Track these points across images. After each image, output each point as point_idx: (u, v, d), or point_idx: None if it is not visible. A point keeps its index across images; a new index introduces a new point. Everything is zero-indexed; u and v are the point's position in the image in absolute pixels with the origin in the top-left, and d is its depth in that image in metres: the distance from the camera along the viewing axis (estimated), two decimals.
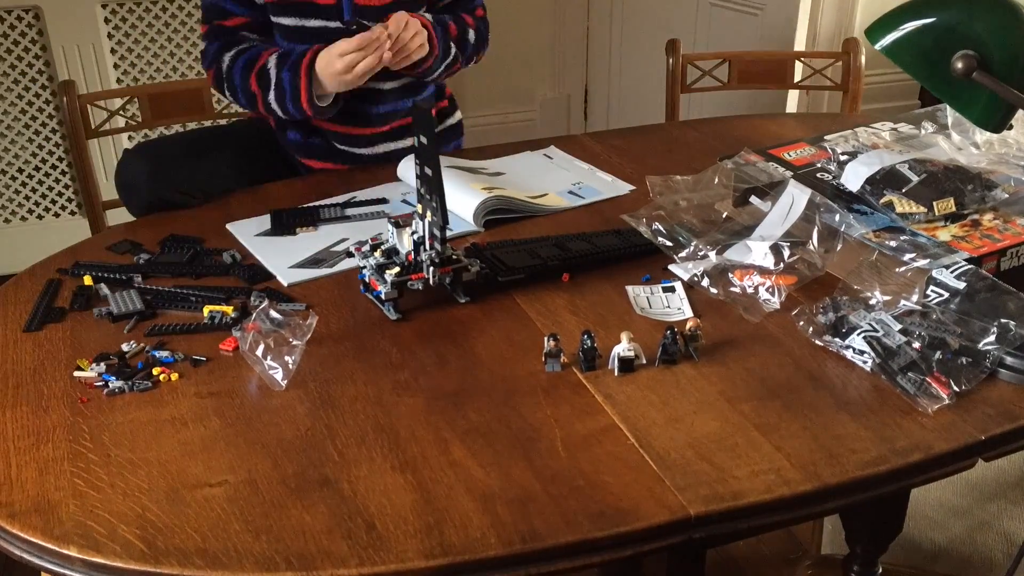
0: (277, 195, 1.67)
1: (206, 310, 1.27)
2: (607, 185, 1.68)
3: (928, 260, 1.28)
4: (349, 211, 1.59)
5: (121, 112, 2.13)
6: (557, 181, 1.71)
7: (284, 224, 1.54)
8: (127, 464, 1.03)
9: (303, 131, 1.79)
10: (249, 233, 1.53)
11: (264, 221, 1.56)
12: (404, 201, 1.62)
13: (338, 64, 1.59)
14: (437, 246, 1.28)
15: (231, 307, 1.29)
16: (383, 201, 1.62)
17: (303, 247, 1.48)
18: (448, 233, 1.49)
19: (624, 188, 1.67)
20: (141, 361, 1.20)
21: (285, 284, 1.39)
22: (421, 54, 1.65)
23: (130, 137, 3.18)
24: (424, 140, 1.24)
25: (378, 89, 1.75)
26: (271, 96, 1.66)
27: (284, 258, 1.45)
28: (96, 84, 3.04)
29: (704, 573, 1.23)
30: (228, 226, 1.56)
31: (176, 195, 1.61)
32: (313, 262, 1.44)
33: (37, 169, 3.14)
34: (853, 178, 1.45)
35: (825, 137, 1.65)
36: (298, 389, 1.15)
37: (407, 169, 1.67)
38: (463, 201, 1.56)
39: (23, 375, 1.18)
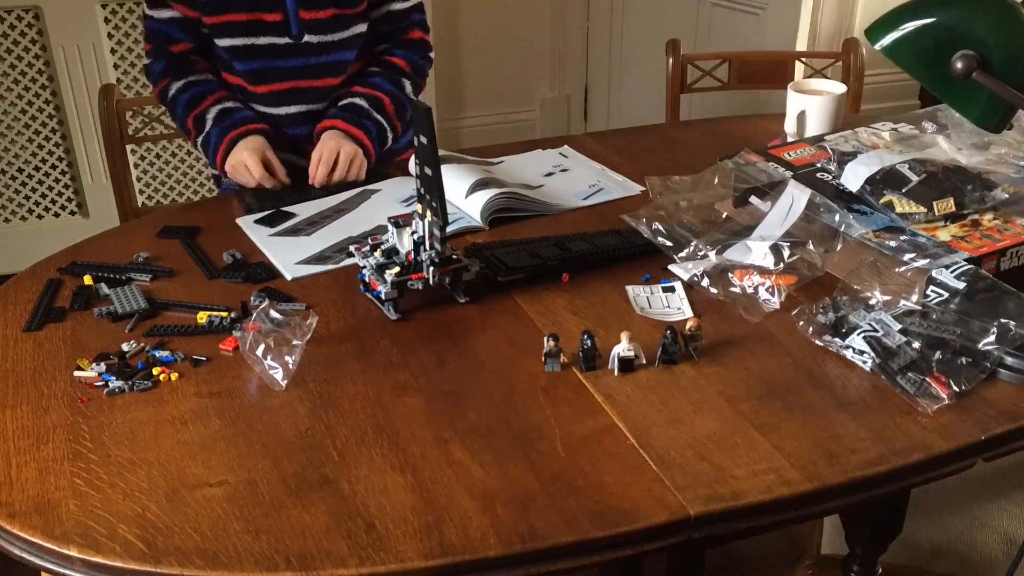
0: (277, 194, 1.67)
1: (202, 316, 1.27)
2: (619, 185, 1.69)
3: (928, 260, 1.28)
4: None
5: (155, 119, 2.12)
6: (572, 182, 1.71)
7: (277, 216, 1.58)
8: (127, 464, 1.03)
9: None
10: (260, 231, 1.53)
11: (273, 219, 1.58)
12: (411, 198, 1.63)
13: (254, 169, 1.65)
14: (437, 246, 1.28)
15: (227, 312, 1.29)
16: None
17: (312, 245, 1.49)
18: (453, 227, 1.50)
19: (635, 188, 1.67)
20: (141, 361, 1.20)
21: (289, 278, 1.39)
22: (356, 167, 1.70)
23: (164, 148, 3.19)
24: (424, 140, 1.24)
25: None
26: (200, 140, 1.73)
27: (292, 255, 1.45)
28: (96, 84, 3.04)
29: (704, 573, 1.23)
30: (238, 221, 1.56)
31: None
32: (319, 259, 1.45)
33: (37, 169, 3.14)
34: (853, 178, 1.44)
35: (825, 137, 1.65)
36: (298, 389, 1.15)
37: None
38: (471, 198, 1.56)
39: (23, 375, 1.18)
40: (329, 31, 1.73)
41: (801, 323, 1.24)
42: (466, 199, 1.57)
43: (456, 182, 1.60)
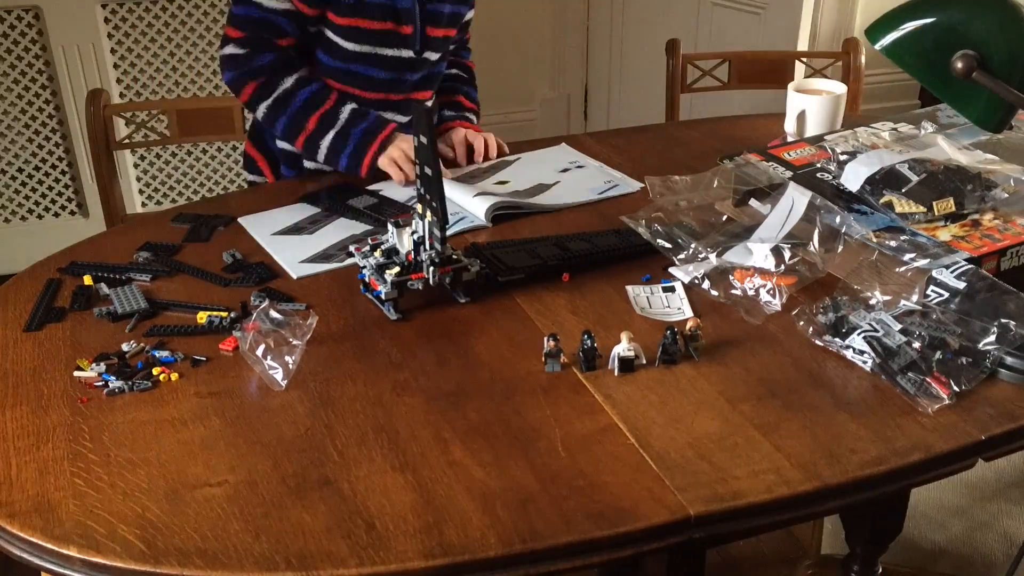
0: (277, 194, 1.67)
1: (202, 316, 1.27)
2: (620, 181, 1.69)
3: (928, 260, 1.28)
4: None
5: (145, 126, 2.10)
6: (588, 178, 1.71)
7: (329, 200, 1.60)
8: (127, 464, 1.03)
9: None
10: (264, 230, 1.54)
11: (275, 218, 1.57)
12: (412, 198, 1.63)
13: (402, 162, 1.66)
14: (437, 246, 1.28)
15: (227, 312, 1.29)
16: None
17: (316, 244, 1.49)
18: (457, 227, 1.50)
19: (635, 185, 1.67)
20: (141, 361, 1.20)
21: (294, 276, 1.39)
22: (493, 146, 1.80)
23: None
24: (424, 140, 1.24)
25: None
26: (327, 140, 1.67)
27: (295, 254, 1.46)
28: (96, 84, 3.04)
29: (704, 573, 1.23)
30: (241, 220, 1.56)
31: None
32: (323, 257, 1.45)
33: (37, 169, 3.14)
34: (853, 178, 1.44)
35: (825, 137, 1.65)
36: (298, 389, 1.15)
37: None
38: (476, 199, 1.57)
39: (23, 375, 1.18)
40: (441, 48, 1.78)
41: (801, 323, 1.24)
42: (471, 199, 1.57)
43: (461, 187, 1.61)
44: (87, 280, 1.37)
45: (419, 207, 1.30)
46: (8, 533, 0.96)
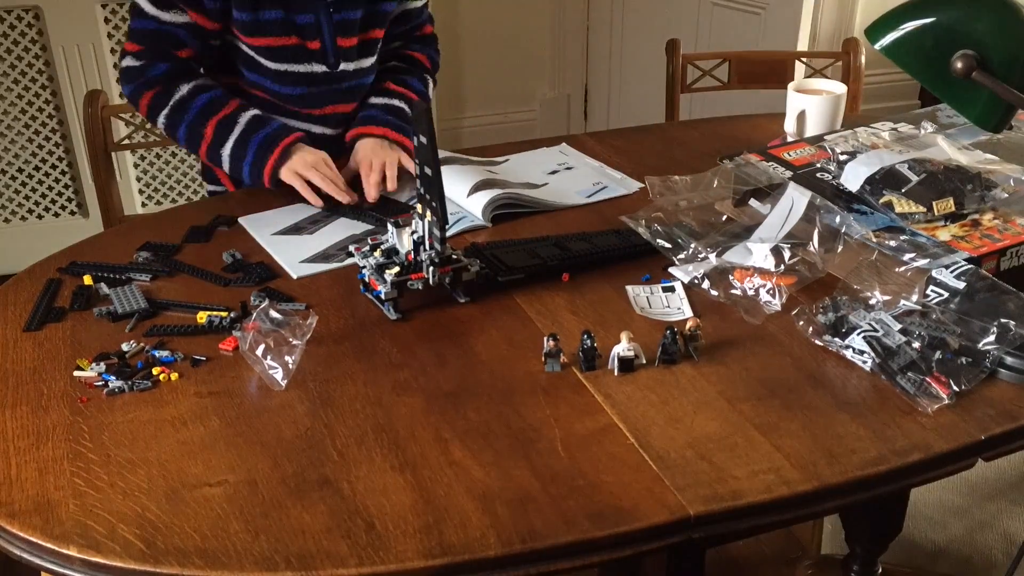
0: (276, 195, 1.67)
1: (202, 316, 1.27)
2: (617, 182, 1.69)
3: (928, 260, 1.28)
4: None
5: (143, 128, 2.07)
6: (576, 180, 1.71)
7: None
8: (127, 464, 1.03)
9: None
10: (264, 229, 1.54)
11: (275, 218, 1.57)
12: (412, 198, 1.63)
13: (305, 170, 1.59)
14: (437, 246, 1.28)
15: (227, 312, 1.29)
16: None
17: (316, 243, 1.49)
18: (457, 227, 1.50)
19: (633, 185, 1.67)
20: (141, 361, 1.20)
21: (294, 276, 1.39)
22: (409, 165, 1.66)
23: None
24: (424, 140, 1.24)
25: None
26: (227, 149, 1.61)
27: (295, 254, 1.46)
28: (96, 84, 3.04)
29: (704, 573, 1.23)
30: (241, 220, 1.56)
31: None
32: (323, 257, 1.45)
33: (37, 169, 3.14)
34: (853, 178, 1.44)
35: (825, 137, 1.65)
36: (298, 389, 1.15)
37: None
38: (472, 197, 1.57)
39: (23, 375, 1.18)
40: (361, 55, 1.71)
41: (801, 323, 1.24)
42: (467, 198, 1.57)
43: (458, 182, 1.60)
44: (87, 280, 1.37)
45: (419, 207, 1.30)
46: (8, 533, 0.96)
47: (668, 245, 1.41)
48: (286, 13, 1.61)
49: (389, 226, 1.34)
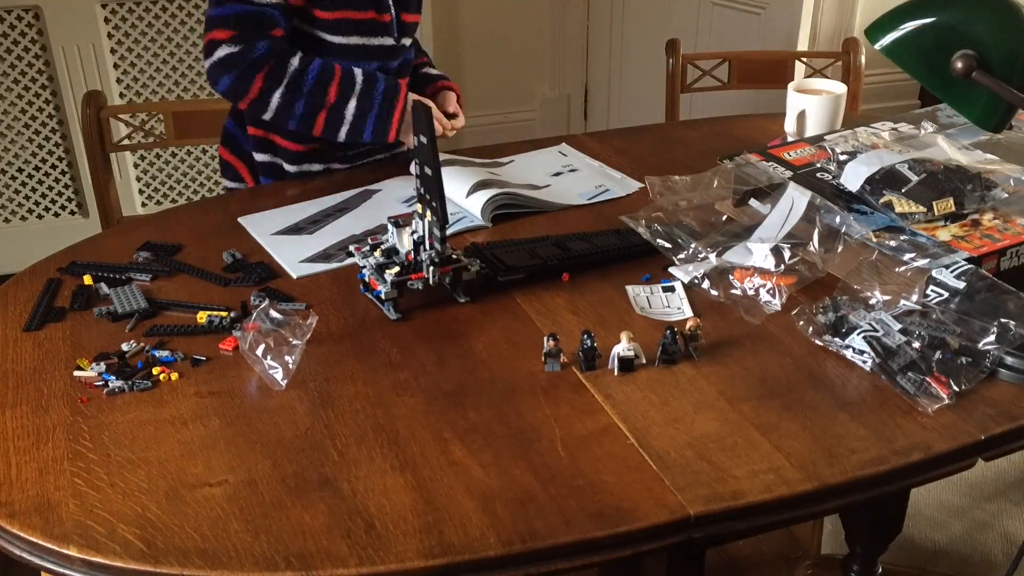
0: (277, 194, 1.67)
1: (202, 316, 1.27)
2: (617, 182, 1.69)
3: (928, 260, 1.28)
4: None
5: (144, 128, 2.07)
6: (579, 182, 1.71)
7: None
8: (127, 464, 1.03)
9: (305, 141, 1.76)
10: (263, 229, 1.54)
11: (275, 218, 1.57)
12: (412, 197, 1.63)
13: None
14: (437, 246, 1.28)
15: (227, 312, 1.29)
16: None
17: (316, 243, 1.49)
18: (457, 227, 1.50)
19: (633, 185, 1.67)
20: (141, 361, 1.20)
21: (294, 276, 1.40)
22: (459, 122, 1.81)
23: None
24: (424, 140, 1.24)
25: None
26: (349, 108, 1.63)
27: (296, 254, 1.46)
28: (96, 84, 3.05)
29: (704, 573, 1.23)
30: (241, 220, 1.56)
31: None
32: (323, 257, 1.45)
33: (37, 169, 3.14)
34: (853, 178, 1.45)
35: (825, 137, 1.65)
36: (298, 389, 1.15)
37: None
38: (472, 196, 1.57)
39: (23, 375, 1.18)
40: (413, 33, 1.80)
41: (801, 323, 1.24)
42: (467, 198, 1.57)
43: (458, 182, 1.60)
44: (87, 280, 1.37)
45: (419, 207, 1.30)
46: (8, 533, 0.96)
47: (668, 245, 1.41)
48: None
49: (389, 226, 1.34)
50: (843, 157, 1.52)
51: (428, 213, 1.27)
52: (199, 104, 2.15)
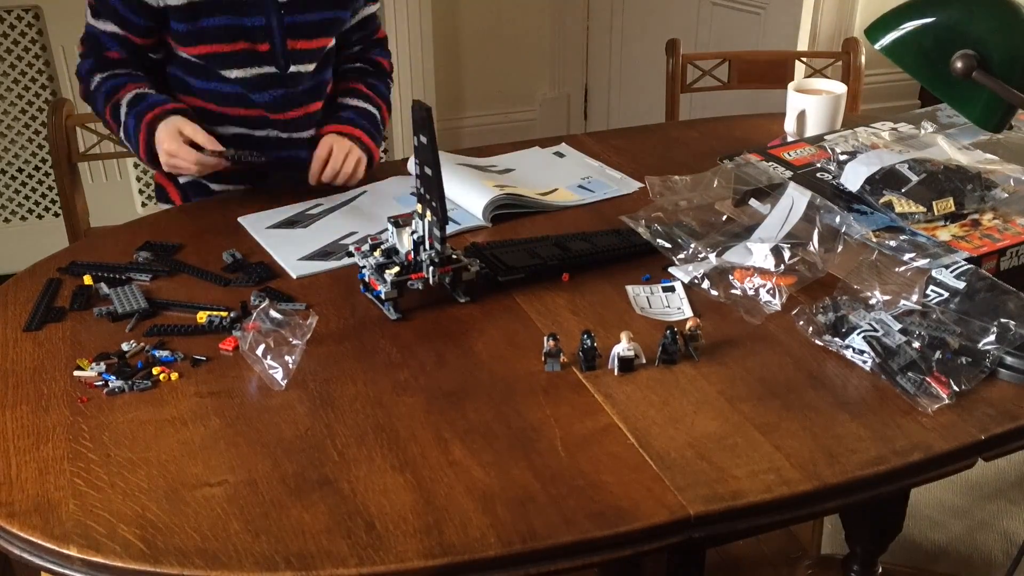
0: (278, 194, 1.67)
1: (202, 316, 1.27)
2: (616, 181, 1.69)
3: (928, 260, 1.28)
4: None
5: (109, 138, 2.00)
6: (567, 176, 1.71)
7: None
8: (127, 464, 1.03)
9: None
10: (261, 226, 1.54)
11: (275, 216, 1.57)
12: (413, 194, 1.63)
13: (169, 144, 1.53)
14: (437, 246, 1.28)
15: (227, 312, 1.29)
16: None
17: (314, 240, 1.49)
18: (455, 227, 1.50)
19: (633, 185, 1.67)
20: (141, 360, 1.20)
21: (294, 276, 1.40)
22: (361, 169, 1.66)
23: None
24: (424, 140, 1.24)
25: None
26: (121, 134, 1.63)
27: (294, 251, 1.46)
28: None
29: (704, 573, 1.23)
30: (240, 219, 1.56)
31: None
32: (322, 255, 1.45)
33: (37, 169, 3.14)
34: (853, 178, 1.45)
35: (825, 137, 1.65)
36: (298, 389, 1.15)
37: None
38: (472, 197, 1.57)
39: (23, 375, 1.18)
40: (315, 58, 1.69)
41: (801, 323, 1.24)
42: (468, 198, 1.58)
43: (458, 183, 1.60)
44: (87, 280, 1.37)
45: (419, 207, 1.30)
46: (8, 533, 0.96)
47: (668, 245, 1.41)
48: (233, 17, 1.59)
49: (389, 226, 1.34)
50: (843, 157, 1.52)
51: (428, 213, 1.27)
52: None
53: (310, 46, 1.67)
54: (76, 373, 1.18)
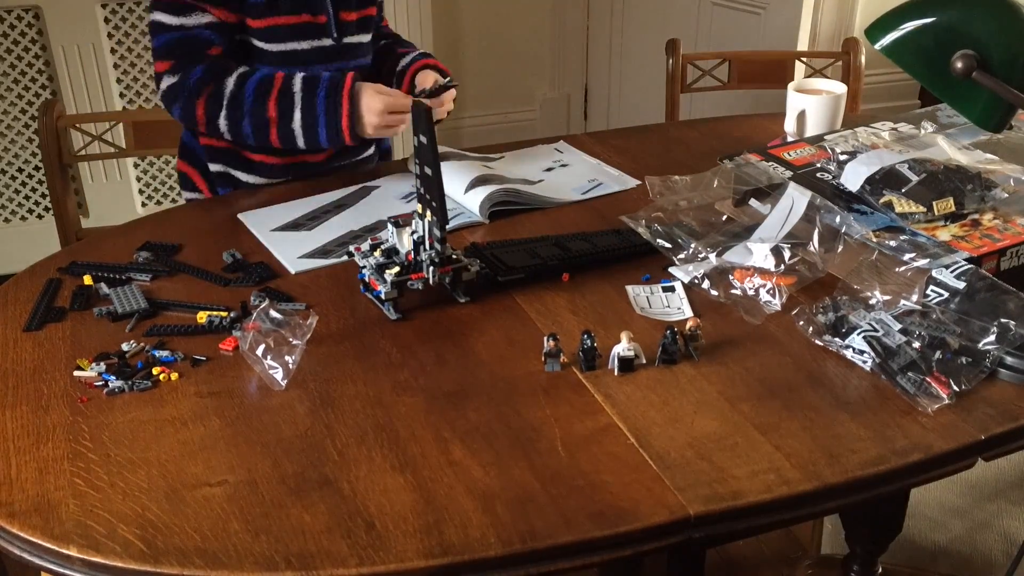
0: (279, 193, 1.67)
1: (202, 316, 1.27)
2: (615, 179, 1.70)
3: (928, 260, 1.28)
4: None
5: (101, 139, 2.04)
6: (572, 176, 1.71)
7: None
8: (127, 464, 1.03)
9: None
10: (263, 226, 1.54)
11: (275, 214, 1.57)
12: (412, 194, 1.63)
13: (379, 103, 1.59)
14: (437, 246, 1.28)
15: (227, 312, 1.29)
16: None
17: (315, 239, 1.50)
18: (453, 223, 1.50)
19: (631, 182, 1.68)
20: (141, 360, 1.20)
21: (292, 272, 1.40)
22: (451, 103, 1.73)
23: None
24: (424, 140, 1.24)
25: None
26: (295, 121, 1.60)
27: (295, 250, 1.46)
28: (96, 84, 3.05)
29: (704, 573, 1.23)
30: (240, 216, 1.56)
31: None
32: (322, 253, 1.45)
33: (37, 169, 3.14)
34: (853, 178, 1.45)
35: (825, 137, 1.65)
36: (298, 389, 1.15)
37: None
38: (470, 193, 1.57)
39: (23, 375, 1.18)
40: (361, 30, 1.76)
41: (801, 323, 1.24)
42: (465, 194, 1.58)
43: (455, 179, 1.60)
44: (87, 280, 1.37)
45: (419, 207, 1.30)
46: (8, 533, 0.96)
47: (668, 245, 1.41)
48: None
49: (389, 226, 1.34)
50: (843, 157, 1.52)
51: (428, 213, 1.27)
52: (159, 114, 2.09)
53: (358, 15, 1.75)
54: (76, 373, 1.18)
